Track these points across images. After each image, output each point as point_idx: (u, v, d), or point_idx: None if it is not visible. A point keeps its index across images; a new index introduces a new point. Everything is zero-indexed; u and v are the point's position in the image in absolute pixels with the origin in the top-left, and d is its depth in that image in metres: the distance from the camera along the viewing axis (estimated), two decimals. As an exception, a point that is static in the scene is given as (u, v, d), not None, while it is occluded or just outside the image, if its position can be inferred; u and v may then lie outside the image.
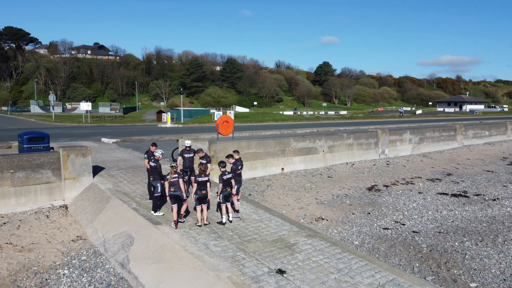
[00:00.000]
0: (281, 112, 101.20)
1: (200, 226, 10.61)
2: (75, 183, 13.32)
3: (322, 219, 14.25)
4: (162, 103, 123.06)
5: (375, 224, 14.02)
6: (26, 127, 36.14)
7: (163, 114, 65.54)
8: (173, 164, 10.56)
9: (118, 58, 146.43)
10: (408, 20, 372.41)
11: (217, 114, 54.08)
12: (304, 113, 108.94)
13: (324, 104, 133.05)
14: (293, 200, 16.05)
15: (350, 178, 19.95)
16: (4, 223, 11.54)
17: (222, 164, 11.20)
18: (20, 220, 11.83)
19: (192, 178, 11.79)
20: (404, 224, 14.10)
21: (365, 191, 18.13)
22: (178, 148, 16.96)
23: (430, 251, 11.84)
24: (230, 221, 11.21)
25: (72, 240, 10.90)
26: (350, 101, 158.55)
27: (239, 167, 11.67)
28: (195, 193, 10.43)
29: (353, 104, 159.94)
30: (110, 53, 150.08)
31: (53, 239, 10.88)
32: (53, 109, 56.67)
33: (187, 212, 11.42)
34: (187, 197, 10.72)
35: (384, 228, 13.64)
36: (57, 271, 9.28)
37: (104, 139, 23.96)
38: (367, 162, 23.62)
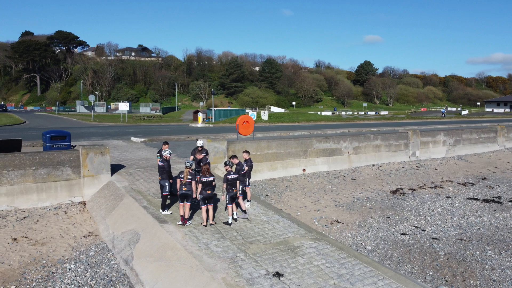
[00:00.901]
0: (318, 113, 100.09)
1: (205, 226, 10.64)
2: (93, 180, 13.77)
3: (338, 222, 13.89)
4: (201, 103, 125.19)
5: (393, 229, 13.49)
6: (66, 126, 37.93)
7: (199, 114, 66.78)
8: (188, 164, 10.62)
9: (160, 59, 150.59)
10: (457, 18, 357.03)
11: (251, 114, 54.24)
12: (343, 113, 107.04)
13: (365, 104, 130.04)
14: (311, 202, 15.76)
15: (374, 181, 19.34)
16: (24, 218, 12.12)
17: (228, 163, 11.17)
18: (39, 215, 12.38)
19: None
20: (424, 230, 13.46)
21: (389, 194, 17.50)
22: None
23: (447, 259, 11.23)
24: (235, 220, 11.16)
25: (84, 236, 11.26)
26: (392, 101, 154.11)
27: (243, 167, 11.59)
28: (200, 193, 10.47)
29: (395, 104, 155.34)
30: (152, 54, 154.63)
31: (67, 234, 11.30)
32: (94, 109, 59.09)
33: (193, 211, 11.47)
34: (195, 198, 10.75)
35: (402, 234, 13.09)
36: (64, 265, 9.61)
37: (133, 138, 24.64)
38: (395, 164, 22.80)
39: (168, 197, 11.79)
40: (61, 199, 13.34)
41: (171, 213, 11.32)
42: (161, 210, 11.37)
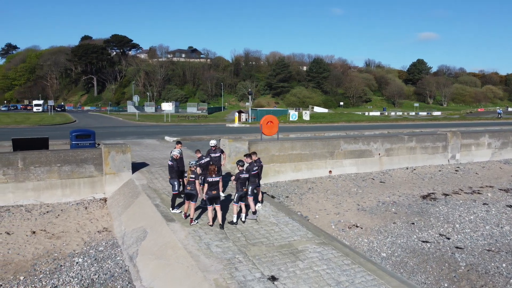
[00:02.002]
0: (366, 113, 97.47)
1: (211, 225, 10.63)
2: (115, 178, 14.25)
3: (356, 226, 13.38)
4: (247, 103, 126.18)
5: (415, 236, 12.77)
6: (110, 125, 39.74)
7: (242, 113, 67.36)
8: (192, 164, 10.73)
9: (209, 60, 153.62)
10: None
11: (293, 114, 53.87)
12: (392, 113, 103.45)
13: (416, 105, 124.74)
14: (332, 204, 15.32)
15: (405, 184, 18.45)
16: (47, 212, 12.78)
17: (240, 163, 11.11)
18: (61, 210, 13.00)
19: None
20: (449, 238, 12.63)
21: (418, 199, 16.62)
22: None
23: (467, 270, 10.45)
24: (243, 221, 11.07)
25: (98, 231, 11.67)
26: (446, 101, 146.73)
27: (254, 168, 11.46)
28: (206, 193, 10.48)
29: (450, 104, 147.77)
30: (201, 56, 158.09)
31: (82, 229, 11.76)
32: (137, 109, 61.47)
33: (203, 210, 11.51)
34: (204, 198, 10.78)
35: (423, 241, 12.36)
36: (73, 259, 10.00)
37: (166, 138, 25.28)
38: (432, 167, 21.62)
39: (182, 195, 11.91)
40: (84, 195, 13.92)
41: (181, 212, 11.43)
42: (170, 209, 11.53)
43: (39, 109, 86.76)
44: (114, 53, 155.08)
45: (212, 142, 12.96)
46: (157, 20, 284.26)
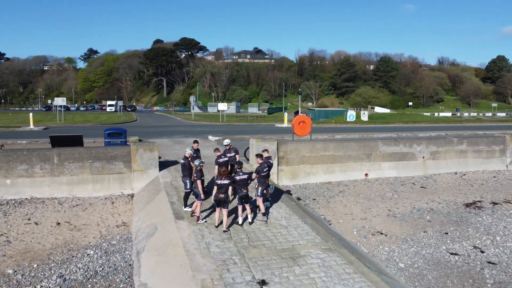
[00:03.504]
0: (436, 114, 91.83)
1: (217, 226, 10.60)
2: (142, 175, 14.77)
3: (381, 233, 12.59)
4: (310, 104, 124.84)
5: (444, 247, 11.72)
6: (166, 124, 41.44)
7: (299, 114, 66.83)
8: (197, 163, 10.81)
9: (272, 61, 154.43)
10: None
11: (350, 114, 52.32)
12: (465, 114, 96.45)
13: (494, 105, 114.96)
14: (360, 209, 14.58)
15: (449, 191, 17.03)
16: (77, 205, 13.58)
17: (238, 165, 10.95)
18: (90, 204, 13.75)
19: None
20: (483, 252, 11.42)
21: (460, 206, 15.25)
22: (249, 147, 17.12)
23: (493, 289, 9.36)
24: (250, 223, 10.90)
25: (117, 226, 12.16)
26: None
27: (265, 169, 11.21)
28: (214, 195, 10.47)
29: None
30: (266, 56, 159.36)
31: (103, 222, 12.33)
32: (193, 109, 63.61)
33: (213, 209, 11.50)
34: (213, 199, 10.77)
35: (452, 253, 11.30)
36: (86, 251, 10.51)
37: (210, 137, 25.77)
38: (485, 173, 19.72)
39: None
40: (113, 191, 14.61)
41: (193, 210, 11.53)
42: (183, 207, 11.69)
43: (112, 109, 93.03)
44: (183, 55, 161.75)
45: (226, 141, 12.93)
46: (224, 22, 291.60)
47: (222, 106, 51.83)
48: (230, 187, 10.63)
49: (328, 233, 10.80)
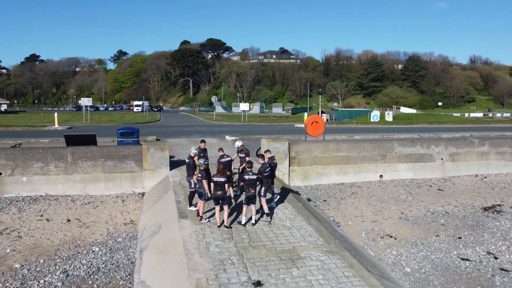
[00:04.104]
0: (466, 114, 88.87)
1: (219, 226, 10.59)
2: (153, 174, 14.96)
3: (390, 236, 12.27)
4: (335, 104, 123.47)
5: (455, 252, 11.31)
6: (186, 124, 41.89)
7: (323, 114, 66.06)
8: (201, 162, 10.84)
9: (298, 61, 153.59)
10: None
11: (374, 115, 51.40)
12: (498, 115, 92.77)
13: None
14: (372, 211, 14.27)
15: (467, 194, 16.43)
16: (88, 202, 13.90)
17: (248, 164, 10.94)
18: (101, 202, 14.04)
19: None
20: (497, 258, 10.95)
21: (478, 210, 14.70)
22: (260, 147, 17.05)
23: (503, 297, 8.95)
24: (253, 223, 10.84)
25: (124, 223, 12.35)
26: None
27: (267, 169, 11.13)
28: (212, 193, 10.48)
29: None
30: (291, 56, 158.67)
31: (111, 220, 12.56)
32: (215, 109, 63.99)
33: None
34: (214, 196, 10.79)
35: (463, 259, 10.88)
36: (92, 247, 10.72)
37: (227, 137, 25.84)
38: (508, 176, 18.89)
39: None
40: (124, 189, 14.86)
41: (196, 209, 11.58)
42: (188, 206, 11.76)
43: (138, 109, 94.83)
44: (209, 56, 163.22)
45: (237, 144, 12.95)
46: (250, 23, 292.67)
47: (244, 106, 52.00)
48: (227, 185, 10.57)
49: (332, 235, 10.61)
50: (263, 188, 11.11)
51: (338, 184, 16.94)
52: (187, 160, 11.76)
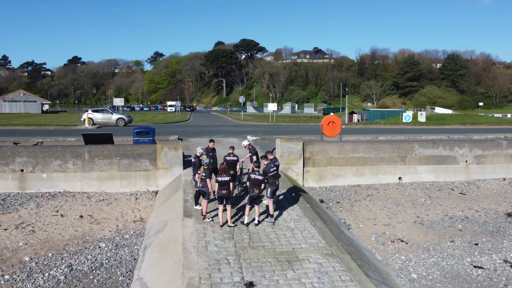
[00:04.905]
0: (508, 115, 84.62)
1: (222, 226, 10.60)
2: (167, 172, 15.18)
3: (402, 241, 11.86)
4: (369, 104, 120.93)
5: (469, 259, 10.78)
6: (213, 124, 42.25)
7: (354, 114, 64.91)
8: (206, 162, 10.90)
9: (332, 60, 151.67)
10: None
11: (406, 115, 49.95)
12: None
13: None
14: (385, 214, 13.84)
15: (492, 198, 15.62)
16: (103, 199, 14.28)
17: (255, 164, 10.91)
18: (115, 199, 14.39)
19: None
20: (513, 266, 10.33)
21: (501, 216, 13.94)
22: (275, 148, 16.92)
23: (513, 309, 8.43)
24: (256, 224, 10.77)
25: (134, 221, 12.60)
26: None
27: (271, 169, 11.02)
28: (217, 192, 10.51)
29: None
30: (325, 56, 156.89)
31: (122, 217, 12.85)
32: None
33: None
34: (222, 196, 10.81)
35: (476, 266, 10.36)
36: (99, 243, 11.00)
37: (248, 136, 25.85)
38: (541, 180, 17.80)
39: None
40: (139, 187, 15.18)
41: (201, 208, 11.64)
42: (194, 205, 11.85)
43: (172, 110, 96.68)
44: (243, 56, 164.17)
45: (244, 143, 12.93)
46: (284, 23, 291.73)
47: (272, 106, 51.93)
48: (231, 184, 10.58)
49: (335, 237, 10.37)
50: (269, 189, 11.01)
51: (354, 186, 16.56)
52: (193, 160, 11.86)
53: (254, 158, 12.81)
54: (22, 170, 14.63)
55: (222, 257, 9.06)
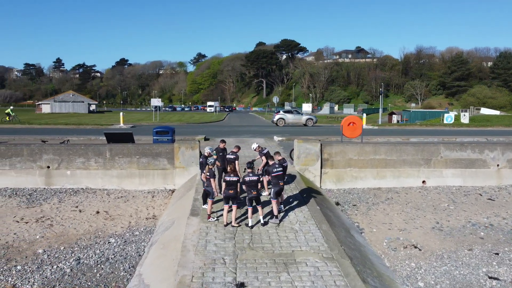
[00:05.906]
0: None
1: (225, 225, 10.64)
2: (184, 171, 15.44)
3: (415, 247, 11.38)
4: (413, 104, 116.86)
5: (485, 269, 10.16)
6: (245, 124, 42.42)
7: (394, 115, 62.88)
8: (210, 161, 11.00)
9: (375, 60, 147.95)
10: None
11: (447, 116, 47.85)
12: None
13: None
14: (403, 219, 13.32)
15: (523, 205, 14.60)
16: (121, 197, 14.75)
17: (248, 165, 10.84)
18: (133, 196, 14.82)
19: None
20: (533, 280, 9.61)
21: (531, 225, 13.01)
22: (293, 149, 16.74)
23: (523, 324, 7.84)
24: (263, 224, 10.72)
25: (146, 218, 12.92)
26: None
27: (275, 169, 10.90)
28: (223, 191, 10.56)
29: None
30: (368, 56, 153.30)
31: (136, 214, 13.21)
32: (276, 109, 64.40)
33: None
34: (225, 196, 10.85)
35: (492, 277, 9.75)
36: (109, 239, 11.38)
37: (274, 137, 25.80)
38: None
39: None
40: (157, 185, 15.54)
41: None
42: (203, 204, 11.96)
43: (211, 110, 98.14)
44: (284, 57, 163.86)
45: (253, 146, 12.95)
46: (325, 22, 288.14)
47: (307, 107, 51.61)
48: (238, 184, 10.57)
49: (339, 241, 10.10)
50: (272, 189, 10.93)
51: (374, 188, 16.06)
52: (200, 159, 11.98)
53: (264, 159, 12.73)
54: (48, 167, 15.42)
55: (219, 257, 9.09)
